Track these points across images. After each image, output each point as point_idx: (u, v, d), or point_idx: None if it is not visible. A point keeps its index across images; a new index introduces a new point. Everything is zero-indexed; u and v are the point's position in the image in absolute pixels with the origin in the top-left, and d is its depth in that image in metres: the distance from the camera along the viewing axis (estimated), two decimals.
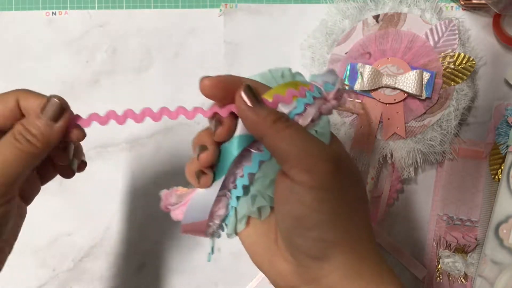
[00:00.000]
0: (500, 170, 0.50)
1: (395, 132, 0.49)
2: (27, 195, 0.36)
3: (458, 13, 0.51)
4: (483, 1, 0.50)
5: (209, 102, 0.32)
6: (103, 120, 0.32)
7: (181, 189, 0.34)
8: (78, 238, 0.52)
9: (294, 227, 0.28)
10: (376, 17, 0.49)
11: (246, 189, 0.31)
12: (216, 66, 0.52)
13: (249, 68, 0.52)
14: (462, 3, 0.51)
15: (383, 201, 0.51)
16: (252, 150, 0.31)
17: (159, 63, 0.52)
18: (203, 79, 0.29)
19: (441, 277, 0.52)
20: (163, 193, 0.34)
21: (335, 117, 0.50)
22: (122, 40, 0.52)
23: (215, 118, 0.30)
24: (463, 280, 0.51)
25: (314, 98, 0.30)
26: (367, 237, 0.29)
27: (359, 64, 0.48)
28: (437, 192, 0.52)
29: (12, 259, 0.53)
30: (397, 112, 0.48)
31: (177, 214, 0.33)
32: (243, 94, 0.28)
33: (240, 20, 0.52)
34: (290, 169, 0.28)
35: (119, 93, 0.52)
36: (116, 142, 0.52)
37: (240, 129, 0.30)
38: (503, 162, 0.49)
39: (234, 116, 0.30)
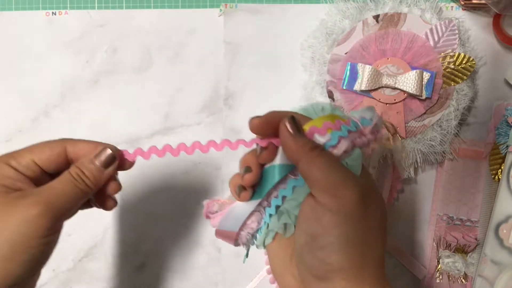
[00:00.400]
0: (500, 170, 0.50)
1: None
2: None
3: (458, 13, 0.51)
4: (483, 1, 0.50)
5: (210, 103, 0.33)
6: (146, 155, 0.36)
7: (222, 200, 0.38)
8: (78, 238, 0.52)
9: (308, 243, 0.31)
10: (376, 17, 0.49)
11: (278, 208, 0.34)
12: (216, 66, 0.52)
13: (249, 68, 0.52)
14: (462, 3, 0.51)
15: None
16: (290, 176, 0.34)
17: (159, 63, 0.52)
18: (252, 119, 0.32)
19: (441, 277, 0.52)
20: (206, 202, 0.38)
21: None
22: (122, 40, 0.52)
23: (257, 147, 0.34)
24: (463, 280, 0.51)
25: (349, 131, 0.32)
26: (373, 267, 0.31)
27: (359, 64, 0.48)
28: (437, 192, 0.52)
29: None
30: (397, 112, 0.48)
31: (215, 222, 0.37)
32: (286, 123, 0.31)
33: (240, 20, 0.52)
34: (317, 191, 0.30)
35: (119, 93, 0.52)
36: (116, 142, 0.52)
37: (281, 158, 0.33)
38: (503, 162, 0.49)
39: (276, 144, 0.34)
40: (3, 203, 0.32)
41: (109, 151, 0.35)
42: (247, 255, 0.37)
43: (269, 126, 0.32)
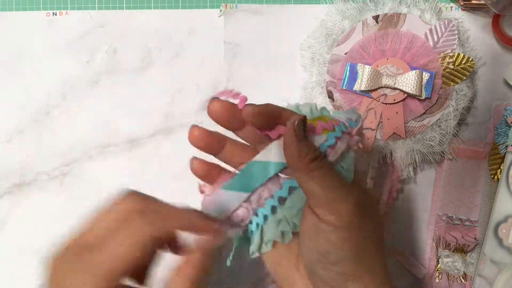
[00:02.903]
0: (499, 170, 0.50)
1: (394, 132, 0.49)
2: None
3: (457, 14, 0.52)
4: (483, 2, 0.50)
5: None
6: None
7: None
8: None
9: (319, 261, 0.31)
10: (376, 18, 0.49)
11: (273, 209, 0.33)
12: (216, 66, 0.52)
13: (249, 68, 0.52)
14: (462, 3, 0.51)
15: (383, 201, 0.52)
16: (281, 175, 0.33)
17: (159, 64, 0.52)
18: (246, 105, 0.32)
19: (440, 277, 0.52)
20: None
21: None
22: (123, 40, 0.52)
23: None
24: (463, 280, 0.51)
25: (342, 132, 0.32)
26: (381, 267, 0.32)
27: (359, 65, 0.48)
28: (436, 192, 0.52)
29: (12, 259, 0.53)
30: (397, 112, 0.49)
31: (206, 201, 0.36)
32: (296, 125, 0.30)
33: (240, 20, 0.52)
34: (317, 207, 0.30)
35: (119, 93, 0.52)
36: (116, 142, 0.52)
37: (277, 156, 0.32)
38: (502, 162, 0.49)
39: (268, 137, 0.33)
40: None
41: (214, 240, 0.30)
42: (233, 257, 0.35)
43: (262, 117, 0.32)
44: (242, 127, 0.34)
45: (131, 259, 0.28)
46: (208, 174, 0.35)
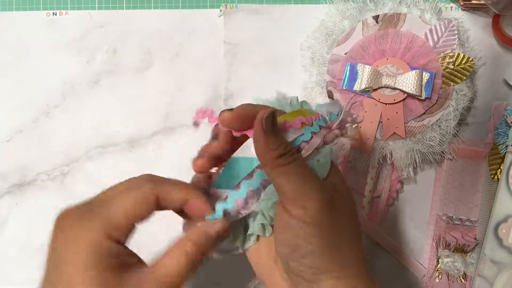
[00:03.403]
0: (499, 170, 0.50)
1: (394, 132, 0.49)
2: None
3: (457, 14, 0.52)
4: (483, 2, 0.50)
5: (210, 103, 0.33)
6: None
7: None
8: None
9: (290, 254, 0.32)
10: (376, 18, 0.49)
11: (241, 204, 0.33)
12: (216, 66, 0.52)
13: (249, 68, 0.52)
14: (462, 3, 0.51)
15: (383, 201, 0.52)
16: (257, 169, 0.34)
17: (159, 64, 0.52)
18: (222, 112, 0.32)
19: (440, 277, 0.52)
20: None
21: None
22: (123, 40, 0.52)
23: (213, 130, 0.35)
24: (463, 280, 0.51)
25: (320, 127, 0.33)
26: (356, 262, 0.32)
27: (359, 65, 0.48)
28: (436, 192, 0.52)
29: (12, 258, 0.53)
30: (397, 112, 0.49)
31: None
32: (264, 119, 0.30)
33: (240, 20, 0.52)
34: (287, 203, 0.31)
35: (119, 94, 0.52)
36: (116, 142, 0.52)
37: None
38: (502, 162, 0.49)
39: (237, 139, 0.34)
40: None
41: (223, 226, 0.32)
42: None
43: (239, 120, 0.32)
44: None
45: (137, 212, 0.31)
46: (208, 171, 0.37)
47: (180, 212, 0.34)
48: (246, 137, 0.34)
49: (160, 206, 0.33)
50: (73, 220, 0.31)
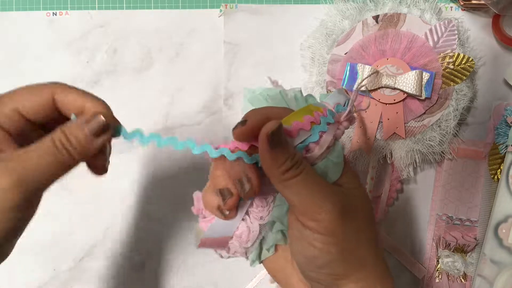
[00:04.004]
0: (499, 170, 0.50)
1: (394, 132, 0.49)
2: None
3: (457, 14, 0.52)
4: (482, 2, 0.50)
5: (210, 103, 0.33)
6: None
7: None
8: (78, 237, 0.52)
9: (307, 264, 0.31)
10: (376, 18, 0.49)
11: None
12: (216, 66, 0.52)
13: (249, 68, 0.52)
14: (462, 3, 0.51)
15: (383, 201, 0.52)
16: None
17: (159, 63, 0.52)
18: (235, 129, 0.30)
19: (440, 277, 0.52)
20: (196, 195, 0.34)
21: None
22: (123, 40, 0.52)
23: (242, 177, 0.31)
24: (463, 280, 0.51)
25: (328, 124, 0.31)
26: (375, 263, 0.32)
27: (359, 64, 0.48)
28: (436, 192, 0.52)
29: (13, 258, 0.53)
30: (397, 112, 0.49)
31: (204, 226, 0.33)
32: (269, 136, 0.28)
33: (240, 20, 0.52)
34: (299, 215, 0.30)
35: (119, 93, 0.52)
36: (116, 142, 0.52)
37: None
38: (502, 162, 0.49)
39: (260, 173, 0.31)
40: None
41: (101, 119, 0.29)
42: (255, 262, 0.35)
43: (253, 134, 0.30)
44: None
45: (25, 103, 0.30)
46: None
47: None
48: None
49: (57, 108, 0.31)
50: None
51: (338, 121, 0.32)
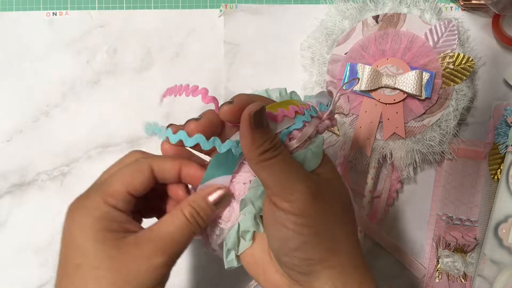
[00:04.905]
0: (499, 170, 0.50)
1: (394, 132, 0.49)
2: None
3: (457, 14, 0.52)
4: (483, 2, 0.50)
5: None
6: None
7: None
8: None
9: (280, 247, 0.31)
10: (376, 18, 0.49)
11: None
12: (216, 66, 0.52)
13: (249, 68, 0.52)
14: (462, 3, 0.51)
15: (383, 201, 0.52)
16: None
17: (159, 63, 0.52)
18: (222, 106, 0.32)
19: (440, 277, 0.52)
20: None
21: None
22: (123, 40, 0.52)
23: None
24: (463, 280, 0.51)
25: (311, 116, 0.32)
26: (350, 250, 0.32)
27: (359, 65, 0.48)
28: (436, 192, 0.52)
29: (13, 258, 0.53)
30: (397, 112, 0.49)
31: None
32: (251, 116, 0.29)
33: (240, 20, 0.52)
34: (272, 197, 0.30)
35: (119, 93, 0.52)
36: (116, 142, 0.52)
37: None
38: (502, 162, 0.49)
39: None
40: (119, 252, 0.30)
41: (223, 192, 0.33)
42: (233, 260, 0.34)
43: (239, 114, 0.31)
44: None
45: (132, 180, 0.32)
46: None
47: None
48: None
49: (156, 178, 0.33)
50: (78, 201, 0.34)
51: (321, 118, 0.33)
